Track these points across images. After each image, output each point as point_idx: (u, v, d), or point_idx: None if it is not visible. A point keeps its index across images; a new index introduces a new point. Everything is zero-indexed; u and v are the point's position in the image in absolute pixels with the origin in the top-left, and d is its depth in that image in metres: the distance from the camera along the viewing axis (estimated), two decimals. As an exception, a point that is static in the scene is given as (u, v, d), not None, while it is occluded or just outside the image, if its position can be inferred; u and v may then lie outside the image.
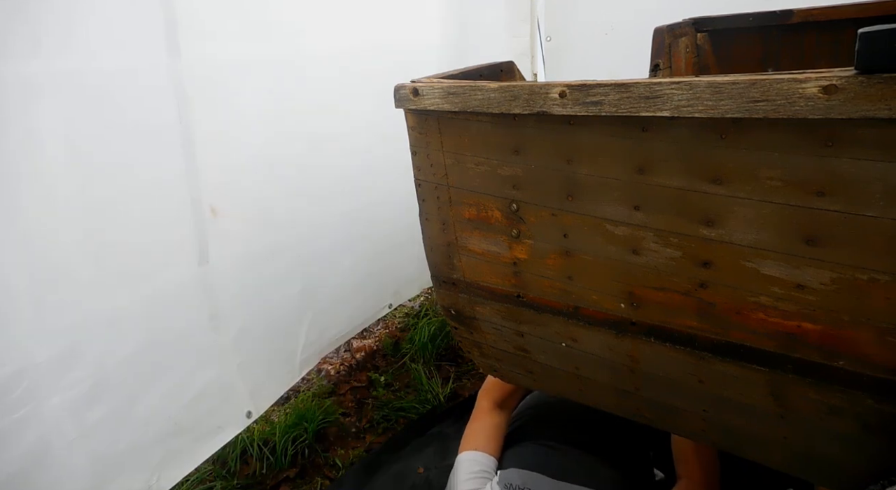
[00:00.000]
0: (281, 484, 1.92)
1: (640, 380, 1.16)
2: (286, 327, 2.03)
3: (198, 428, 1.72)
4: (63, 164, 1.30)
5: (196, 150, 1.57)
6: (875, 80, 0.70)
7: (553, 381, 1.35)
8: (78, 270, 1.36)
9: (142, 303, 1.51)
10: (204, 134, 1.58)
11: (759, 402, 1.01)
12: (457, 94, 1.06)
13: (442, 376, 2.40)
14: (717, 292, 0.96)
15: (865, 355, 0.87)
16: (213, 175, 1.63)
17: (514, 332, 1.31)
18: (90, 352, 1.40)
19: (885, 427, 0.90)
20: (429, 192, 1.26)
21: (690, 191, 0.92)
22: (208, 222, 1.65)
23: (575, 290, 1.14)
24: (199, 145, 1.58)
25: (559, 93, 0.94)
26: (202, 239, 1.65)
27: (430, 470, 1.87)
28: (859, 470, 0.98)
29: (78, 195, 1.34)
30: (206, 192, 1.63)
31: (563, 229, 1.09)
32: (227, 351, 1.80)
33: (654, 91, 0.86)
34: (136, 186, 1.46)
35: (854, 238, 0.82)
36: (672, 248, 0.98)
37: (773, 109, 0.78)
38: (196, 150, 1.57)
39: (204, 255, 1.66)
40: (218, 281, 1.72)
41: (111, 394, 1.46)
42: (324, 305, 2.15)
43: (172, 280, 1.59)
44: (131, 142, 1.42)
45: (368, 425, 2.18)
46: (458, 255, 1.28)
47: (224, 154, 1.66)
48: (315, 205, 2.02)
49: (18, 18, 1.17)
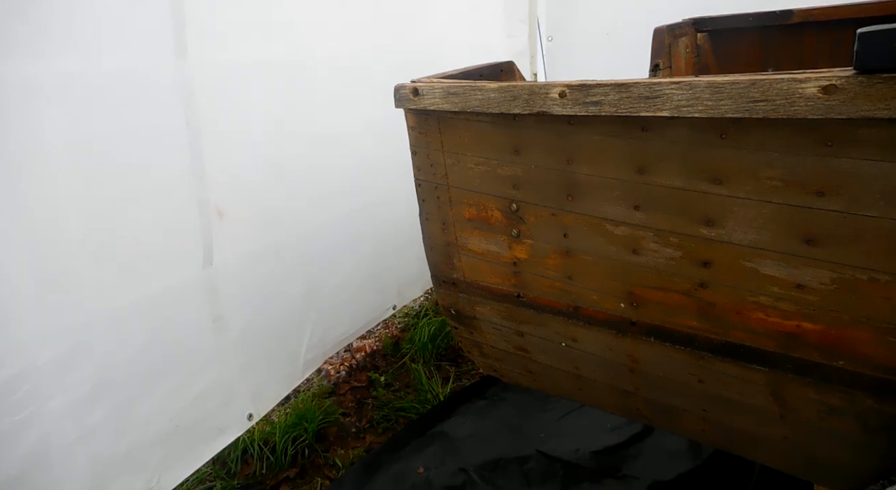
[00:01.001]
0: (281, 484, 1.92)
1: (640, 380, 1.16)
2: (289, 329, 2.03)
3: (199, 430, 1.72)
4: (67, 164, 1.30)
5: (203, 150, 1.58)
6: (875, 80, 0.71)
7: (553, 381, 1.36)
8: (81, 271, 1.36)
9: (145, 304, 1.51)
10: (211, 134, 1.58)
11: (759, 402, 1.01)
12: (457, 94, 1.06)
13: (442, 376, 2.40)
14: (717, 292, 0.96)
15: (865, 355, 0.87)
16: (219, 176, 1.64)
17: (514, 331, 1.31)
18: (92, 353, 1.40)
19: (885, 427, 0.90)
20: (429, 192, 1.26)
21: (690, 191, 0.92)
22: (214, 224, 1.66)
23: (575, 290, 1.14)
24: (206, 146, 1.58)
25: (559, 93, 0.94)
26: (207, 240, 1.65)
27: (430, 470, 1.87)
28: (859, 470, 0.98)
29: (82, 195, 1.34)
30: (212, 193, 1.63)
31: (563, 229, 1.09)
32: (228, 352, 1.80)
33: (654, 91, 0.86)
34: (143, 187, 1.46)
35: (854, 238, 0.82)
36: (672, 248, 0.98)
37: (772, 109, 0.78)
38: (203, 151, 1.58)
39: (209, 257, 1.66)
40: (221, 282, 1.72)
41: (112, 395, 1.46)
42: (327, 306, 2.15)
43: (176, 281, 1.59)
44: (137, 142, 1.42)
45: (368, 425, 2.18)
46: (458, 255, 1.28)
47: (230, 155, 1.67)
48: (318, 205, 2.02)
49: (21, 18, 1.17)
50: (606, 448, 1.84)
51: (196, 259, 1.64)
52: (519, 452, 1.88)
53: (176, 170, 1.54)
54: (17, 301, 1.25)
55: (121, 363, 1.46)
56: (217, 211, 1.66)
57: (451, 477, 1.82)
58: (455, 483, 1.80)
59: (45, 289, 1.29)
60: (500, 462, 1.85)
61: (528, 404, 2.09)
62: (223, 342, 1.78)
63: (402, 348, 2.60)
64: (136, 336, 1.50)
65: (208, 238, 1.65)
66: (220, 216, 1.67)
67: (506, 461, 1.85)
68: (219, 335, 1.75)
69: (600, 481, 1.74)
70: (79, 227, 1.34)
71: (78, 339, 1.36)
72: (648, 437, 1.85)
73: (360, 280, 2.29)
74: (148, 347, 1.53)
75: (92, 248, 1.38)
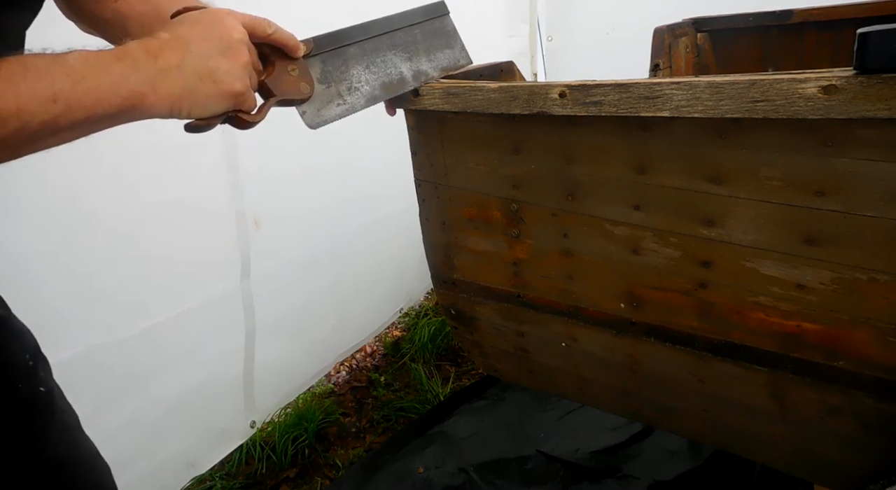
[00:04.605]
0: (281, 484, 1.92)
1: (641, 380, 1.16)
2: (306, 334, 2.04)
3: (200, 434, 1.73)
4: (102, 177, 1.31)
5: (239, 163, 1.59)
6: (875, 80, 0.70)
7: (553, 381, 1.36)
8: (115, 287, 1.38)
9: (182, 319, 1.54)
10: (246, 145, 1.59)
11: (759, 402, 1.01)
12: (457, 94, 1.06)
13: (442, 376, 2.40)
14: (718, 292, 0.96)
15: (865, 355, 0.87)
16: (255, 186, 1.65)
17: (514, 331, 1.31)
18: (107, 362, 1.41)
19: (885, 427, 0.90)
20: (429, 192, 1.26)
21: (690, 191, 0.92)
22: (252, 234, 1.67)
23: (575, 290, 1.14)
24: (242, 156, 1.59)
25: (559, 93, 0.94)
26: (245, 252, 1.67)
27: (430, 470, 1.87)
28: (859, 470, 0.98)
29: (119, 212, 1.35)
30: (249, 204, 1.64)
31: (564, 229, 1.09)
32: (240, 359, 1.82)
33: (654, 91, 0.86)
34: (180, 201, 1.48)
35: (854, 238, 0.82)
36: (672, 247, 0.98)
37: (772, 109, 0.78)
38: (239, 163, 1.59)
39: (246, 269, 1.68)
40: (257, 293, 1.74)
41: (114, 400, 1.46)
42: (347, 314, 2.16)
43: (215, 294, 1.62)
44: (174, 157, 1.44)
45: (368, 425, 2.18)
46: (459, 255, 1.28)
47: (265, 165, 1.67)
48: (348, 211, 2.03)
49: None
50: (606, 448, 1.84)
51: (234, 271, 1.65)
52: (519, 452, 1.88)
53: (214, 182, 1.55)
54: (60, 318, 1.27)
55: (127, 372, 1.48)
56: (254, 221, 1.68)
57: (451, 477, 1.82)
58: (455, 483, 1.80)
59: (84, 305, 1.31)
60: (500, 462, 1.85)
61: (528, 404, 2.09)
62: (234, 348, 1.79)
63: (402, 348, 2.60)
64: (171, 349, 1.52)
65: (246, 249, 1.67)
66: (257, 226, 1.69)
67: (506, 461, 1.85)
68: (247, 346, 1.77)
69: (600, 481, 1.74)
70: (115, 242, 1.36)
71: (118, 356, 1.38)
72: (648, 437, 1.85)
73: (377, 285, 2.31)
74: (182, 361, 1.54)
75: (129, 264, 1.40)
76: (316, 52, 0.90)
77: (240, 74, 0.72)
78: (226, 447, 1.91)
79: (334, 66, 0.93)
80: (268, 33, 0.79)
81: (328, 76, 0.91)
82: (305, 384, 2.23)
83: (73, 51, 0.60)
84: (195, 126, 0.72)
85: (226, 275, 1.68)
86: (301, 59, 0.86)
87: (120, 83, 0.61)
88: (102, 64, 0.61)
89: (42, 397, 0.85)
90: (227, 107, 0.72)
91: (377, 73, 0.99)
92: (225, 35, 0.70)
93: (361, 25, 0.98)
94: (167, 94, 0.65)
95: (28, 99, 0.55)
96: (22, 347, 0.84)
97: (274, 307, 1.86)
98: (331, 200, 2.01)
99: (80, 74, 0.59)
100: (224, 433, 1.87)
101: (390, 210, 2.25)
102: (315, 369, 2.24)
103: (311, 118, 0.90)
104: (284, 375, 2.06)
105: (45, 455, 0.85)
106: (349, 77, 0.95)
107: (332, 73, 0.92)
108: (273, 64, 0.83)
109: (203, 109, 0.70)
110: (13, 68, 0.55)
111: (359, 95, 0.96)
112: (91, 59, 0.61)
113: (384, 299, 2.51)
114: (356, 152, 2.01)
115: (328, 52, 0.92)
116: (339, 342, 2.32)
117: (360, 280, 2.25)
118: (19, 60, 0.56)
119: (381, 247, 2.31)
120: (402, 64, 1.03)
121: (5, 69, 0.55)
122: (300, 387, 2.20)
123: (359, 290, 2.27)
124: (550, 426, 1.97)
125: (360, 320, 2.38)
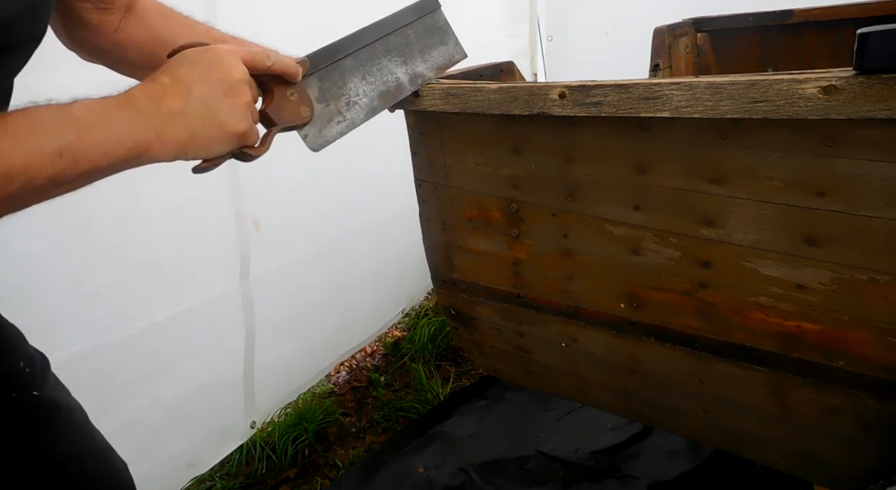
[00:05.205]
0: (281, 484, 1.92)
1: (641, 380, 1.16)
2: (306, 335, 2.05)
3: (200, 434, 1.73)
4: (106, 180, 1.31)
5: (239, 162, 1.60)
6: (874, 80, 0.70)
7: (553, 381, 1.36)
8: (114, 287, 1.38)
9: (182, 318, 1.54)
10: None
11: (759, 402, 1.01)
12: (457, 95, 1.06)
13: (442, 376, 2.40)
14: (717, 292, 0.96)
15: (865, 355, 0.87)
16: (255, 187, 1.65)
17: (514, 332, 1.31)
18: (107, 363, 1.41)
19: (885, 427, 0.90)
20: (429, 193, 1.26)
21: (690, 191, 0.92)
22: (251, 235, 1.67)
23: (575, 290, 1.14)
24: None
25: (559, 94, 0.94)
26: (244, 252, 1.67)
27: (430, 470, 1.87)
28: (859, 470, 0.98)
29: (119, 212, 1.35)
30: (249, 204, 1.64)
31: (564, 229, 1.09)
32: (240, 359, 1.82)
33: (654, 92, 0.86)
34: (181, 201, 1.48)
35: (854, 238, 0.82)
36: (672, 248, 0.98)
37: (772, 110, 0.78)
38: (239, 163, 1.59)
39: (245, 269, 1.68)
40: (256, 293, 1.74)
41: (114, 400, 1.46)
42: (347, 314, 2.17)
43: (214, 293, 1.61)
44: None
45: (368, 425, 2.18)
46: (458, 255, 1.28)
47: (264, 164, 1.68)
48: (348, 211, 2.04)
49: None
50: (606, 448, 1.84)
51: (233, 271, 1.65)
52: (519, 452, 1.88)
53: (214, 183, 1.55)
54: (61, 316, 1.27)
55: (129, 375, 1.48)
56: (254, 222, 1.68)
57: (451, 477, 1.82)
58: (455, 483, 1.80)
59: (84, 305, 1.31)
60: (500, 462, 1.85)
61: (528, 404, 2.09)
62: (234, 348, 1.79)
63: (402, 348, 2.60)
64: (171, 349, 1.52)
65: (245, 249, 1.67)
66: (257, 227, 1.69)
67: (506, 461, 1.85)
68: (247, 346, 1.77)
69: (600, 481, 1.74)
70: (112, 242, 1.36)
71: (117, 357, 1.38)
72: (648, 437, 1.85)
73: (379, 286, 2.31)
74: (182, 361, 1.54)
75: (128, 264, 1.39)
76: (312, 71, 0.89)
77: (243, 115, 0.72)
78: (226, 447, 1.91)
79: (331, 82, 0.92)
80: (267, 65, 0.78)
81: (326, 94, 0.91)
82: (305, 384, 2.23)
83: (77, 101, 0.60)
84: (202, 168, 0.72)
85: (226, 275, 1.68)
86: (300, 83, 0.86)
87: (125, 134, 0.61)
88: (107, 114, 0.61)
89: (41, 400, 0.85)
90: (232, 147, 0.73)
91: (374, 82, 0.99)
92: (226, 76, 0.70)
93: (353, 35, 0.97)
94: (172, 141, 0.65)
95: (34, 155, 0.54)
96: (17, 355, 0.84)
97: (274, 307, 1.86)
98: (331, 200, 2.01)
99: (85, 127, 0.58)
100: (224, 433, 1.87)
101: (391, 210, 2.25)
102: (315, 370, 2.24)
103: (314, 141, 0.90)
104: (284, 376, 2.06)
105: (54, 454, 0.85)
106: (347, 92, 0.94)
107: (330, 90, 0.92)
108: (272, 91, 0.82)
109: (208, 152, 0.70)
110: (18, 124, 0.55)
111: (358, 109, 0.95)
112: (96, 109, 0.60)
113: (385, 300, 2.51)
114: (356, 152, 2.00)
115: (324, 69, 0.91)
116: (340, 343, 2.32)
117: (360, 280, 2.25)
118: (24, 114, 0.56)
119: (381, 247, 2.31)
120: (398, 69, 1.03)
121: (10, 125, 0.54)
122: (300, 387, 2.20)
123: (359, 291, 2.27)
124: (550, 426, 1.97)
125: (361, 321, 2.39)
